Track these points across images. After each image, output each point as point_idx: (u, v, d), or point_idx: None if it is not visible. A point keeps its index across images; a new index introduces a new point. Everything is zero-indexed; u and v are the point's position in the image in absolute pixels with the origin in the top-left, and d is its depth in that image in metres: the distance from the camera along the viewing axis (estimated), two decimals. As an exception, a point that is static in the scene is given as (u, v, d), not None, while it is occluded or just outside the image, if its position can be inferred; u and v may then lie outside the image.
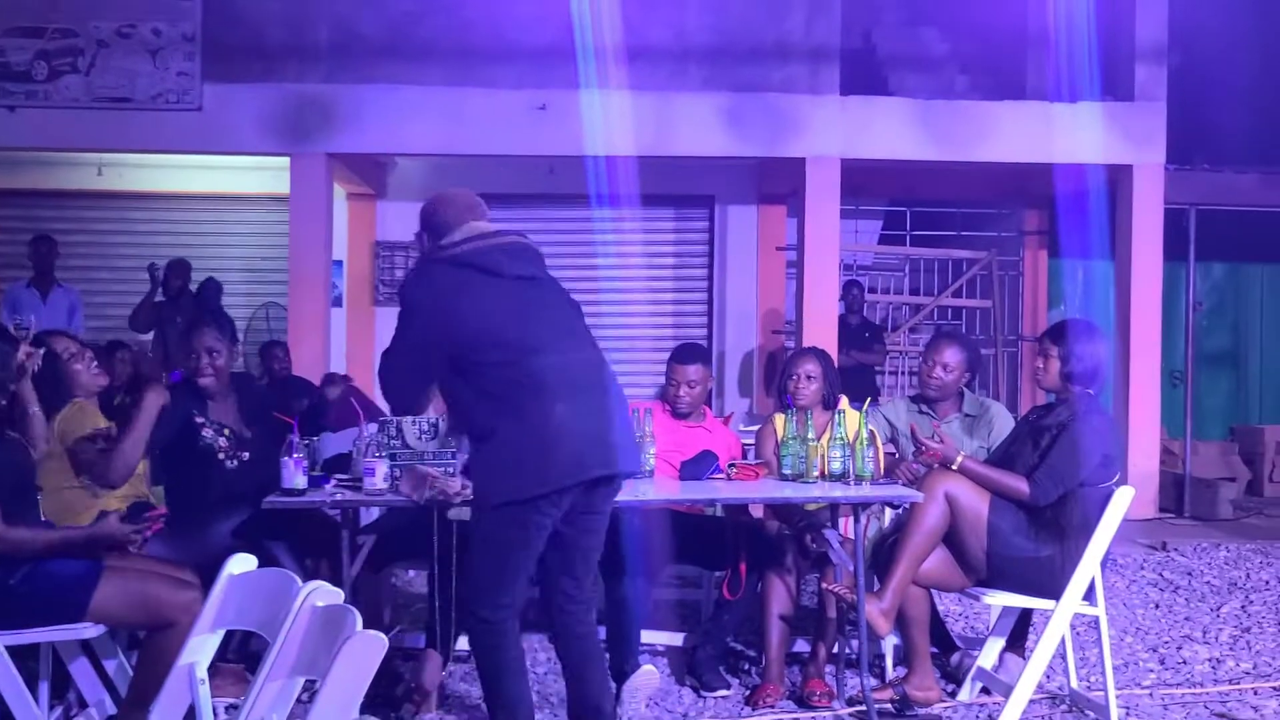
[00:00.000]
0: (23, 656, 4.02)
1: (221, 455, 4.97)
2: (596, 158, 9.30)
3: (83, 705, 4.29)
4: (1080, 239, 10.40)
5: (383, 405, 5.55)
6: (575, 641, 3.98)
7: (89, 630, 3.92)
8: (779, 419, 5.29)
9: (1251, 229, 11.76)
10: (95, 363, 4.80)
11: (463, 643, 5.22)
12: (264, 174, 10.90)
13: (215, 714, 3.19)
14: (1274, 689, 5.21)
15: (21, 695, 3.80)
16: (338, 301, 11.36)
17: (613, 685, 4.12)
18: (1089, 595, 4.67)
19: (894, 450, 5.51)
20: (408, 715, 4.61)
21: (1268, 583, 7.50)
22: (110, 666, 4.31)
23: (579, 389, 3.79)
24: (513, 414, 3.72)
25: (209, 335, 5.08)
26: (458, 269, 3.84)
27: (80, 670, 4.25)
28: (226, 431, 5.03)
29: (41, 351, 4.36)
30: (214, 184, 11.57)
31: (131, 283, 10.90)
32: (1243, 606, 6.84)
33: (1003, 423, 5.37)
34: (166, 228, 11.71)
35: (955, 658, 5.40)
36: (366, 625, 2.54)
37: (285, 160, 9.82)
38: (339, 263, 11.38)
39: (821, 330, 9.79)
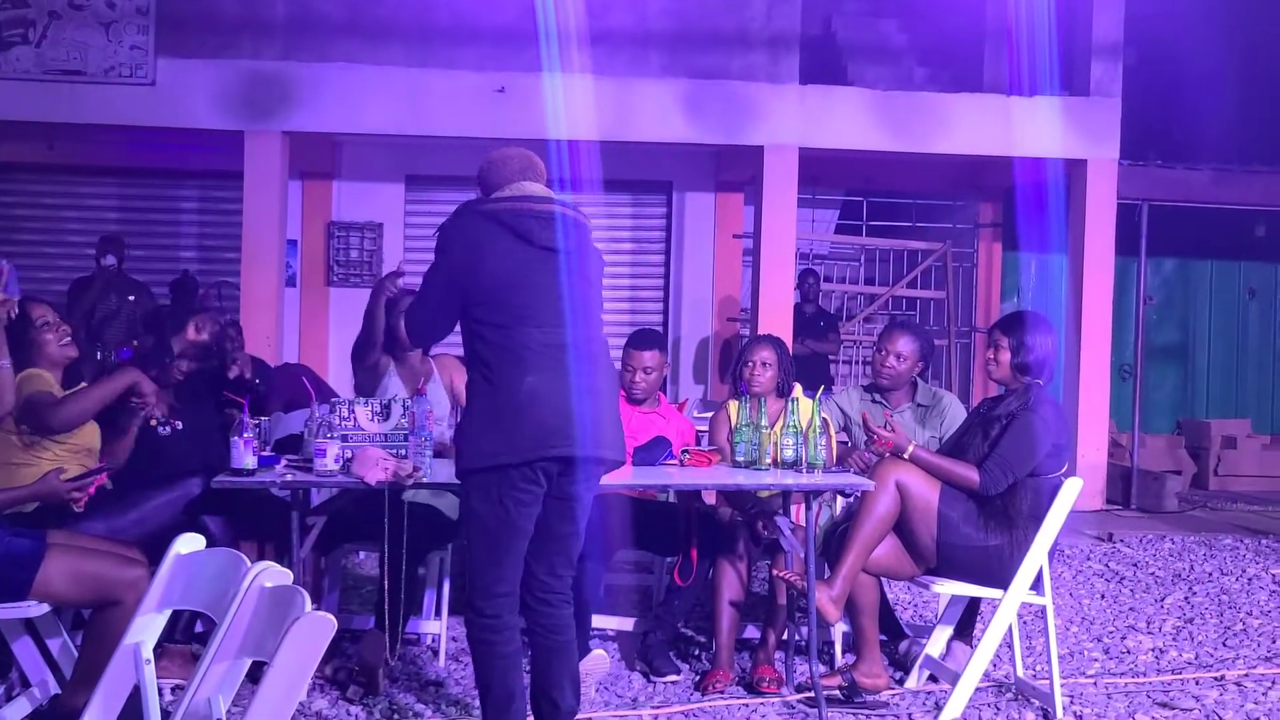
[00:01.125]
0: (-36, 635, 3.97)
1: (154, 422, 4.92)
2: (555, 142, 9.27)
3: (25, 685, 4.24)
4: (1034, 232, 10.50)
5: (338, 389, 5.53)
6: (546, 635, 3.91)
7: (33, 609, 3.87)
8: (733, 406, 5.30)
9: (1202, 225, 11.90)
10: (69, 337, 4.71)
11: (420, 625, 5.24)
12: (218, 150, 10.78)
13: (160, 695, 3.15)
14: (1215, 679, 5.27)
15: (-37, 674, 3.75)
16: (291, 281, 11.27)
17: (580, 682, 4.07)
18: (1036, 585, 4.71)
19: (846, 439, 5.53)
20: (354, 696, 4.60)
21: (1210, 575, 7.60)
22: (54, 646, 4.26)
23: (562, 367, 3.74)
24: (493, 380, 3.71)
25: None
26: (488, 222, 3.81)
27: (23, 649, 4.20)
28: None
29: (16, 301, 4.30)
30: (167, 160, 11.42)
31: (82, 257, 10.77)
32: (1186, 598, 6.93)
33: (955, 413, 5.40)
34: (117, 203, 11.58)
35: (903, 645, 5.44)
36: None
37: (239, 137, 9.72)
38: (293, 242, 11.28)
39: (777, 318, 9.81)
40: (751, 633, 5.28)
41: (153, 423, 4.89)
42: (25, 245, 10.88)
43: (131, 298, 9.18)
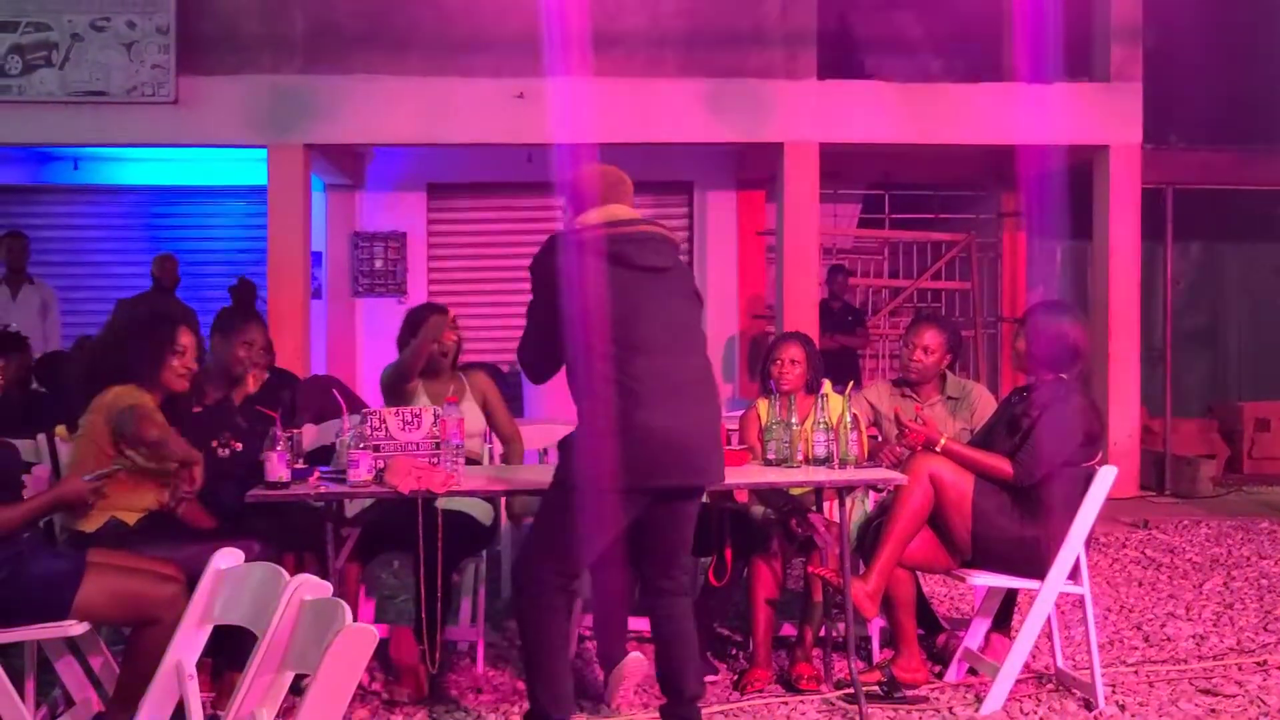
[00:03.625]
0: (7, 654, 4.00)
1: (215, 443, 4.97)
2: (574, 145, 9.28)
3: (69, 703, 4.27)
4: (1059, 220, 10.45)
5: (367, 399, 5.55)
6: (663, 624, 4.04)
7: (74, 628, 3.89)
8: (762, 404, 5.30)
9: (1228, 207, 11.82)
10: (188, 372, 4.62)
11: (453, 633, 5.25)
12: (242, 166, 10.85)
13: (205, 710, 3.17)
14: (1257, 664, 5.24)
15: (7, 693, 3.77)
16: (317, 293, 11.33)
17: (703, 669, 4.21)
18: (1074, 574, 4.69)
19: (877, 434, 5.52)
20: (399, 696, 4.61)
21: (1249, 559, 7.55)
22: (96, 664, 4.29)
23: (673, 395, 3.77)
24: (601, 410, 3.73)
25: (255, 333, 5.29)
26: (583, 252, 3.80)
27: (66, 668, 4.23)
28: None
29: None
30: (191, 177, 11.51)
31: (109, 277, 10.85)
32: (1225, 583, 6.88)
33: (984, 404, 5.38)
34: (144, 222, 11.66)
35: (941, 639, 5.42)
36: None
37: (263, 152, 9.77)
38: (318, 254, 11.34)
39: (802, 314, 9.81)
40: (788, 630, 5.28)
41: (214, 444, 4.92)
42: (55, 267, 10.96)
43: None
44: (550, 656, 3.90)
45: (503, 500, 5.41)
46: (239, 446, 4.95)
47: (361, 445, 4.36)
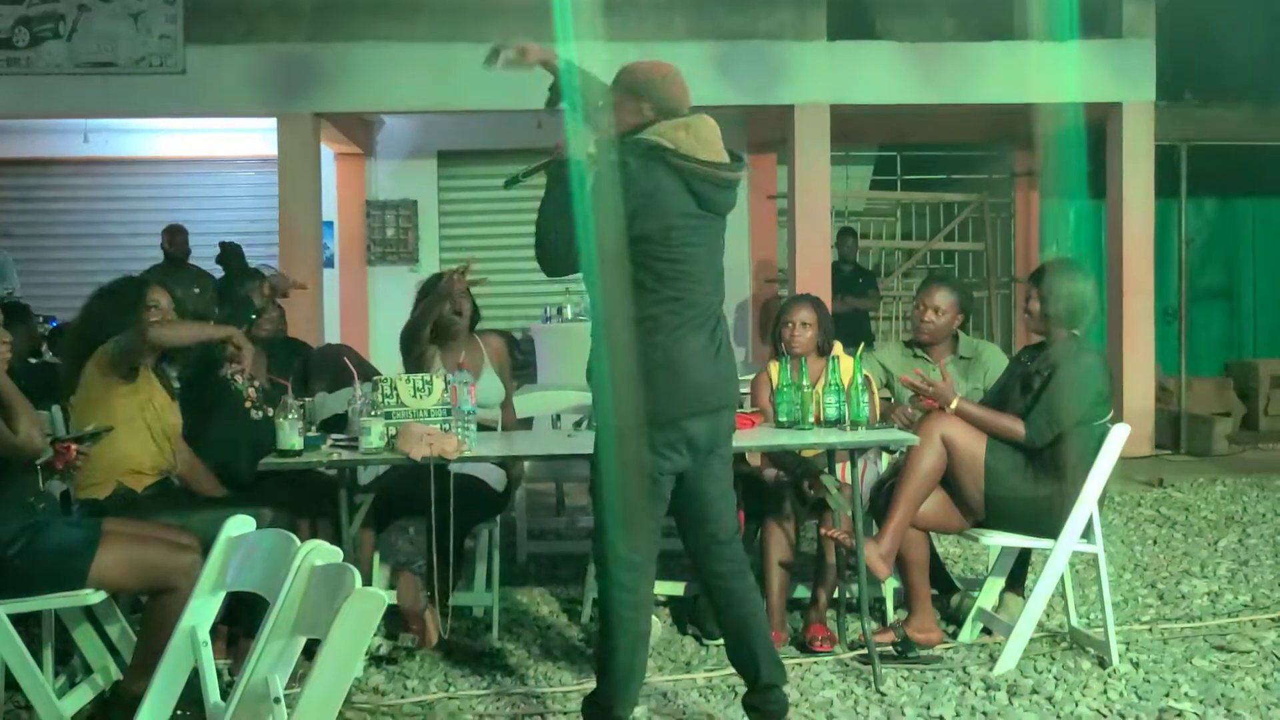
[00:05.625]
0: (26, 623, 4.03)
1: (248, 404, 5.00)
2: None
3: (87, 671, 4.31)
4: (1072, 178, 10.38)
5: (379, 367, 5.56)
6: (729, 609, 3.87)
7: (91, 597, 3.92)
8: (774, 367, 5.29)
9: (1243, 163, 11.73)
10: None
11: (468, 599, 5.27)
12: (251, 136, 10.84)
13: (219, 676, 3.20)
14: (1272, 620, 5.24)
15: (26, 662, 3.80)
16: (329, 262, 11.33)
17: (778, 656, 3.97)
18: (1087, 533, 4.69)
19: (889, 395, 5.51)
20: (411, 643, 4.63)
21: (1264, 516, 7.54)
22: (113, 631, 4.32)
23: (712, 335, 3.77)
24: (657, 338, 3.66)
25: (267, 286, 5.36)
26: (673, 178, 3.69)
27: (84, 636, 4.27)
28: (256, 383, 5.13)
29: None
30: (201, 148, 11.51)
31: (120, 249, 10.87)
32: (1240, 540, 6.87)
33: (997, 365, 5.37)
34: (154, 193, 11.67)
35: (955, 599, 5.43)
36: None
37: (272, 121, 9.76)
38: (329, 223, 11.34)
39: (814, 277, 9.78)
40: (802, 593, 5.29)
41: (247, 404, 4.95)
42: (64, 239, 10.98)
43: (196, 290, 9.26)
44: (625, 653, 3.75)
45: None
46: (269, 411, 4.95)
47: (373, 412, 4.37)
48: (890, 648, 4.74)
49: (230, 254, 9.64)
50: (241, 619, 4.49)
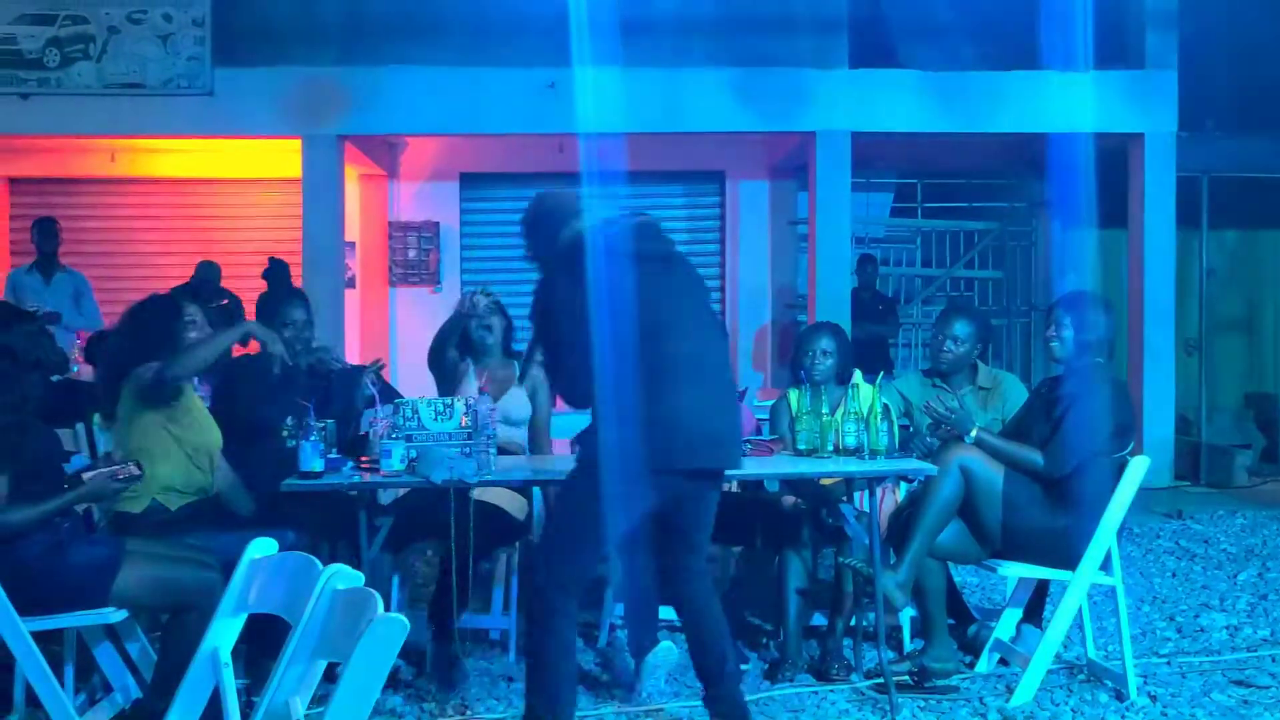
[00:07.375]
0: (47, 641, 4.05)
1: (285, 433, 5.02)
2: (605, 135, 9.29)
3: (108, 689, 4.33)
4: (1092, 208, 10.37)
5: (400, 389, 5.58)
6: (689, 607, 4.05)
7: (113, 615, 3.95)
8: (793, 394, 5.30)
9: (1265, 195, 11.69)
10: None
11: (485, 622, 5.28)
12: (276, 157, 10.91)
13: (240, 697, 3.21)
14: (1291, 656, 5.22)
15: (47, 680, 3.82)
16: (351, 283, 11.38)
17: (735, 649, 4.17)
18: (1106, 565, 4.68)
19: (908, 424, 5.51)
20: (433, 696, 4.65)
21: (1284, 549, 7.51)
22: (134, 650, 4.35)
23: (697, 380, 3.80)
24: (633, 396, 3.72)
25: (297, 310, 5.29)
26: (585, 254, 3.78)
27: (105, 654, 4.29)
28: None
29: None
30: (226, 168, 11.59)
31: (148, 267, 10.94)
32: (1260, 573, 6.84)
33: (1016, 395, 5.36)
34: (179, 212, 11.75)
35: (972, 629, 5.41)
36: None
37: (297, 143, 9.84)
38: (351, 244, 11.40)
39: (834, 304, 9.79)
40: (819, 621, 5.28)
41: (284, 433, 4.96)
42: (91, 257, 11.05)
43: (224, 300, 9.32)
44: (554, 661, 3.87)
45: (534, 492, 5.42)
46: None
47: (395, 435, 4.39)
48: (907, 677, 4.73)
49: (277, 271, 9.71)
50: (261, 640, 4.50)
